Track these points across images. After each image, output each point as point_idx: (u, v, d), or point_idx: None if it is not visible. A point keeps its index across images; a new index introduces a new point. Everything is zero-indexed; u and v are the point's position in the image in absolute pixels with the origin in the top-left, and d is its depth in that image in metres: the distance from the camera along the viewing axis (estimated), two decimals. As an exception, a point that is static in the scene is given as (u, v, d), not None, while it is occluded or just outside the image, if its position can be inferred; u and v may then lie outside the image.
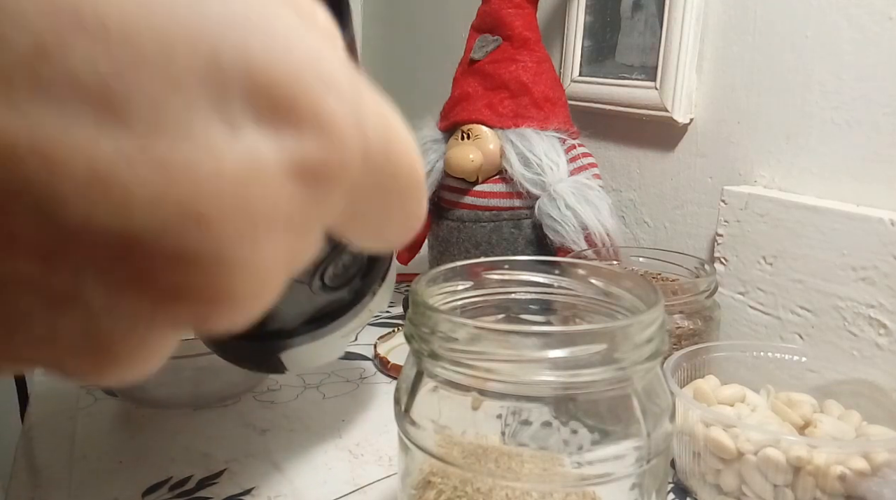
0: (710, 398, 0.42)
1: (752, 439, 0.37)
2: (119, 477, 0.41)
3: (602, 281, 0.33)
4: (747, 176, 0.59)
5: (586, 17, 0.71)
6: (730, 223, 0.56)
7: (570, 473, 0.28)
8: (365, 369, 0.56)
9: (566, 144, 0.62)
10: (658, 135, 0.66)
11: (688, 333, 0.49)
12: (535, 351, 0.27)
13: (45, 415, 0.49)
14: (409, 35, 1.06)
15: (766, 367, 0.45)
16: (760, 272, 0.54)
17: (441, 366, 0.28)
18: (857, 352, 0.48)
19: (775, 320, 0.54)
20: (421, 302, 0.29)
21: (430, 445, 0.29)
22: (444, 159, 0.63)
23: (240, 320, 0.13)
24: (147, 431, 0.46)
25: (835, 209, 0.49)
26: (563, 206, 0.58)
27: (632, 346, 0.27)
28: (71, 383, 0.52)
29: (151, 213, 0.11)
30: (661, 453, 0.29)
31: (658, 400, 0.29)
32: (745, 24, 0.58)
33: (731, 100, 0.60)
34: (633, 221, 0.71)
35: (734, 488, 0.38)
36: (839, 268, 0.49)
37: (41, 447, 0.45)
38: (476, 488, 0.29)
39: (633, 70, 0.67)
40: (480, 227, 0.62)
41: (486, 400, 0.28)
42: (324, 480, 0.41)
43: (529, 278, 0.34)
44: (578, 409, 0.29)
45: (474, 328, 0.27)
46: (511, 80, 0.62)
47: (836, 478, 0.35)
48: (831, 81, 0.52)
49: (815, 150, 0.54)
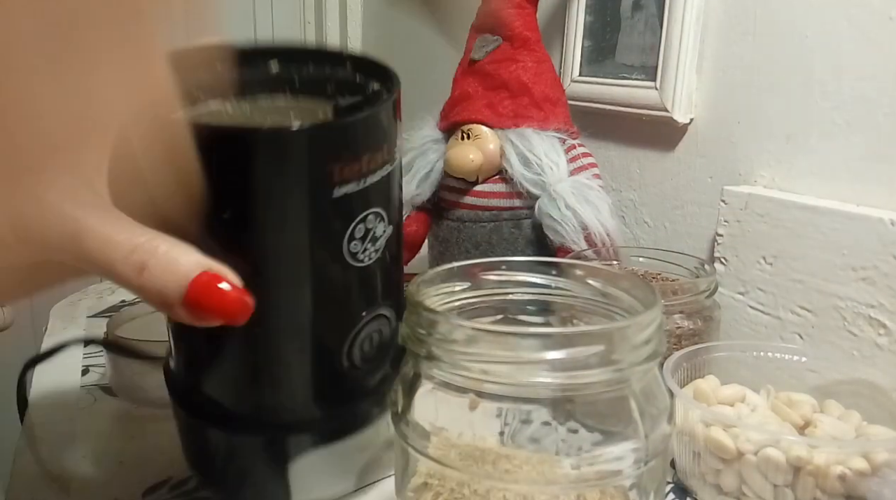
0: (710, 398, 0.42)
1: (752, 439, 0.37)
2: (119, 477, 0.41)
3: (600, 282, 0.33)
4: (747, 176, 0.59)
5: (586, 17, 0.71)
6: (730, 223, 0.56)
7: (568, 474, 0.28)
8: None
9: (566, 144, 0.62)
10: (658, 135, 0.66)
11: (688, 333, 0.49)
12: (532, 353, 0.27)
13: (45, 415, 0.49)
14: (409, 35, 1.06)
15: (766, 367, 0.45)
16: (760, 272, 0.54)
17: (438, 368, 0.28)
18: (857, 352, 0.48)
19: (775, 320, 0.54)
20: (418, 303, 0.29)
21: (426, 447, 0.29)
22: (444, 159, 0.63)
23: None
24: (147, 431, 0.46)
25: (835, 209, 0.49)
26: (563, 206, 0.58)
27: (629, 347, 0.27)
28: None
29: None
30: (660, 454, 0.29)
31: (656, 401, 0.29)
32: (745, 24, 0.58)
33: (731, 100, 0.60)
34: (633, 221, 0.71)
35: (734, 488, 0.38)
36: (839, 268, 0.49)
37: (41, 448, 0.45)
38: (473, 490, 0.29)
39: (633, 70, 0.66)
40: (480, 227, 0.62)
41: (484, 402, 0.28)
42: (323, 480, 0.41)
43: (527, 279, 0.34)
44: (576, 410, 0.29)
45: (471, 330, 0.27)
46: (511, 80, 0.62)
47: (836, 478, 0.35)
48: (831, 81, 0.52)
49: (815, 150, 0.54)
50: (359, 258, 0.31)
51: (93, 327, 0.65)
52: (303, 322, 0.31)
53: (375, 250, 0.31)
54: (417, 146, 0.66)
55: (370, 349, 0.33)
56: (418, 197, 0.65)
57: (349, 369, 0.32)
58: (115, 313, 0.52)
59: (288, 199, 0.28)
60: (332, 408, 0.33)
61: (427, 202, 0.66)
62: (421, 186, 0.64)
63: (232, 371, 0.32)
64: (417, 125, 0.67)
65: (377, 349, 0.33)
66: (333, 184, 0.28)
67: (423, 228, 0.67)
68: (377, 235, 0.31)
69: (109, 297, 0.74)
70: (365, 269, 0.31)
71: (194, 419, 0.33)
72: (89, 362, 0.57)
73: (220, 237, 0.27)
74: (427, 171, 0.64)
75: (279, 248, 0.29)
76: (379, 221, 0.31)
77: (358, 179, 0.29)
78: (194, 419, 0.33)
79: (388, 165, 0.31)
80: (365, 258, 0.31)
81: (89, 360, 0.57)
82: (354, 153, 0.29)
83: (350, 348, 0.32)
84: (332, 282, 0.30)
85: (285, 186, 0.28)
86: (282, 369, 0.31)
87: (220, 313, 0.24)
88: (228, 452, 0.33)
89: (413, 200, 0.65)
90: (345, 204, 0.29)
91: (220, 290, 0.24)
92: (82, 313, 0.69)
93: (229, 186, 0.27)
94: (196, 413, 0.33)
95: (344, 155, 0.28)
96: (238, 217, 0.28)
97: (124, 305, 0.70)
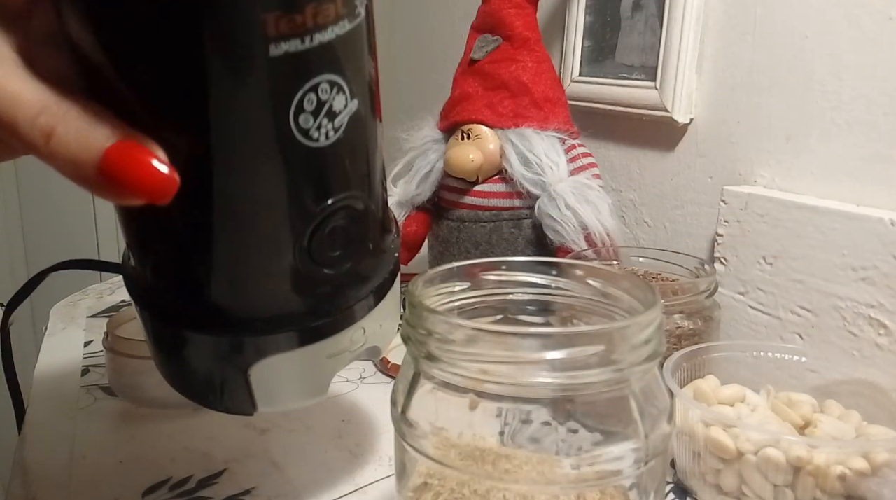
0: (710, 398, 0.42)
1: (752, 439, 0.37)
2: (119, 477, 0.41)
3: (600, 282, 0.33)
4: (747, 176, 0.59)
5: (586, 17, 0.71)
6: (730, 223, 0.56)
7: (568, 474, 0.28)
8: (365, 369, 0.56)
9: (566, 144, 0.62)
10: (658, 135, 0.66)
11: (688, 333, 0.49)
12: (532, 353, 0.27)
13: (44, 415, 0.49)
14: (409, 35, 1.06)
15: (766, 367, 0.45)
16: (760, 272, 0.54)
17: (438, 368, 0.28)
18: (857, 352, 0.48)
19: (775, 320, 0.54)
20: (418, 303, 0.29)
21: (426, 447, 0.29)
22: (444, 159, 0.63)
23: None
24: (147, 431, 0.46)
25: (835, 209, 0.49)
26: (563, 206, 0.58)
27: (629, 347, 0.27)
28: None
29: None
30: (660, 454, 0.29)
31: (656, 401, 0.29)
32: (745, 24, 0.58)
33: (731, 100, 0.60)
34: (633, 221, 0.71)
35: (734, 488, 0.38)
36: (839, 268, 0.49)
37: (41, 447, 0.45)
38: (473, 490, 0.29)
39: (633, 70, 0.66)
40: (480, 227, 0.62)
41: (484, 402, 0.28)
42: (324, 480, 0.41)
43: (527, 279, 0.34)
44: (576, 410, 0.29)
45: (471, 330, 0.27)
46: (511, 81, 0.62)
47: (836, 478, 0.35)
48: (831, 81, 0.52)
49: (815, 150, 0.54)
50: (312, 136, 0.26)
51: (93, 327, 0.65)
52: (249, 210, 0.26)
53: (335, 128, 0.26)
54: (417, 146, 0.66)
55: (336, 245, 0.28)
56: (418, 197, 0.65)
57: (309, 265, 0.28)
58: (115, 313, 0.52)
59: (215, 55, 0.23)
60: (294, 309, 0.29)
61: (427, 202, 0.66)
62: (421, 186, 0.64)
63: (180, 266, 0.28)
64: (417, 125, 0.67)
65: (345, 246, 0.29)
66: (269, 38, 0.23)
67: (422, 229, 0.67)
68: (335, 110, 0.26)
69: (109, 297, 0.74)
70: (322, 150, 0.26)
71: (152, 319, 0.30)
72: (89, 362, 0.57)
73: (145, 107, 0.23)
74: (427, 171, 0.64)
75: (211, 118, 0.24)
76: (337, 91, 0.26)
77: (302, 35, 0.24)
78: (152, 319, 0.30)
79: (344, 20, 0.25)
80: (319, 136, 0.26)
81: (89, 360, 0.57)
82: (295, 1, 0.23)
83: (310, 243, 0.27)
84: (280, 163, 0.26)
85: (210, 38, 0.23)
86: (231, 264, 0.27)
87: (140, 188, 0.22)
88: (188, 354, 0.30)
89: (413, 200, 0.65)
90: (285, 65, 0.24)
91: (140, 161, 0.22)
92: (82, 313, 0.69)
93: (145, 42, 0.23)
94: (154, 312, 0.30)
95: (281, 1, 0.23)
96: (159, 80, 0.24)
97: (124, 305, 0.70)
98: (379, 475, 0.42)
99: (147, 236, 0.28)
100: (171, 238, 0.27)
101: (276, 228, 0.27)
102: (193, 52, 0.23)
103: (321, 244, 0.28)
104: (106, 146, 0.21)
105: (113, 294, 0.75)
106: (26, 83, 0.22)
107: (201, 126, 0.24)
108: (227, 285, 0.28)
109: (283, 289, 0.28)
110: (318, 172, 0.27)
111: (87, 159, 0.21)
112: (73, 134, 0.21)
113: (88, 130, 0.21)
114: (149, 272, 0.29)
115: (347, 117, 0.27)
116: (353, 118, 0.27)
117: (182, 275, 0.28)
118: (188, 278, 0.28)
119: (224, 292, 0.28)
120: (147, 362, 0.47)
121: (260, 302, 0.28)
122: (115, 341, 0.48)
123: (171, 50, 0.23)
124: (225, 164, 0.25)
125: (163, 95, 0.24)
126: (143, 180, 0.22)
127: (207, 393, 0.31)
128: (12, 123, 0.21)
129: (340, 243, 0.28)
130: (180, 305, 0.29)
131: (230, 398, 0.30)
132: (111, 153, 0.21)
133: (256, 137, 0.25)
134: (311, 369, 0.30)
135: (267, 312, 0.28)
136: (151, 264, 0.29)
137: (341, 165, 0.28)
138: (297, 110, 0.25)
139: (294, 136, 0.25)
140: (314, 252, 0.28)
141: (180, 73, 0.23)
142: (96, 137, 0.21)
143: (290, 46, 0.24)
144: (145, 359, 0.46)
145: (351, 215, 0.28)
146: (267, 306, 0.28)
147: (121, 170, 0.21)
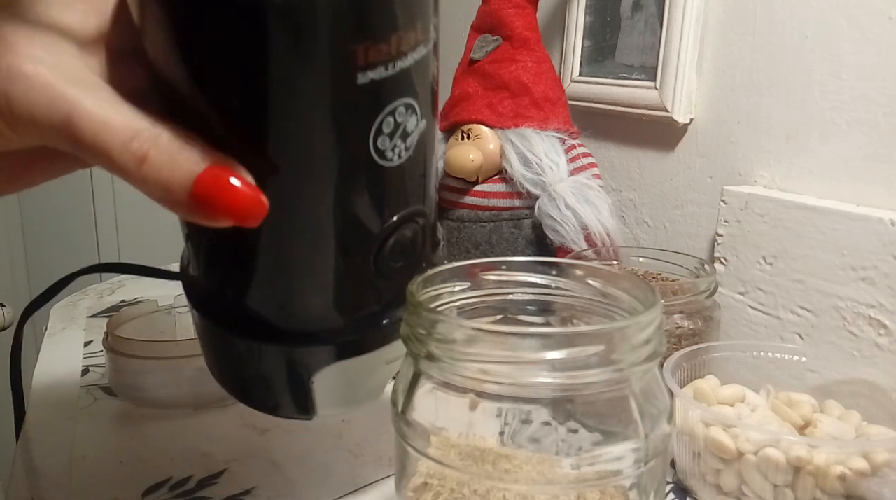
0: (710, 398, 0.42)
1: (752, 439, 0.37)
2: (119, 477, 0.41)
3: (600, 282, 0.33)
4: (747, 176, 0.59)
5: (586, 17, 0.71)
6: (730, 223, 0.56)
7: (568, 474, 0.28)
8: (365, 369, 0.56)
9: (566, 144, 0.62)
10: (658, 135, 0.66)
11: (688, 333, 0.49)
12: (532, 353, 0.27)
13: (44, 415, 0.49)
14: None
15: (766, 367, 0.45)
16: (760, 272, 0.54)
17: (438, 368, 0.28)
18: (857, 352, 0.48)
19: (775, 320, 0.54)
20: (417, 303, 0.29)
21: (426, 447, 0.29)
22: (444, 159, 0.63)
23: None
24: (147, 431, 0.46)
25: (835, 209, 0.49)
26: (563, 206, 0.58)
27: (629, 347, 0.27)
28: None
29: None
30: (660, 454, 0.29)
31: (656, 402, 0.29)
32: (745, 24, 0.58)
33: (731, 100, 0.60)
34: (633, 221, 0.71)
35: (734, 488, 0.38)
36: (839, 268, 0.49)
37: (41, 448, 0.45)
38: (473, 490, 0.29)
39: (633, 70, 0.66)
40: (480, 227, 0.62)
41: (484, 402, 0.28)
42: (324, 480, 0.41)
43: (527, 279, 0.34)
44: (576, 410, 0.29)
45: (471, 330, 0.27)
46: (511, 81, 0.62)
47: (836, 478, 0.35)
48: (831, 81, 0.52)
49: (815, 150, 0.54)
50: (387, 156, 0.27)
51: (93, 327, 0.65)
52: (324, 226, 0.27)
53: (406, 147, 0.27)
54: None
55: (399, 257, 0.29)
56: (418, 197, 0.65)
57: (376, 277, 0.29)
58: (115, 313, 0.52)
59: (304, 85, 0.24)
60: (359, 318, 0.30)
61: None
62: (421, 186, 0.64)
63: (250, 277, 0.29)
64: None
65: (406, 257, 0.30)
66: (357, 68, 0.24)
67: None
68: (408, 131, 0.27)
69: (109, 297, 0.74)
70: (394, 169, 0.27)
71: (215, 327, 0.31)
72: (89, 362, 0.57)
73: (230, 129, 0.24)
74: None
75: (294, 142, 0.25)
76: (411, 113, 0.27)
77: (387, 62, 0.25)
78: (215, 327, 0.31)
79: (421, 46, 0.26)
80: (394, 157, 0.27)
81: (89, 360, 0.57)
82: (382, 31, 0.25)
83: (377, 256, 0.29)
84: (357, 183, 0.27)
85: (300, 69, 0.24)
86: (304, 276, 0.29)
87: (231, 212, 0.22)
88: (254, 363, 0.31)
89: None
90: (371, 92, 0.25)
91: (231, 186, 0.22)
92: (82, 313, 0.69)
93: (237, 69, 0.24)
94: (217, 320, 0.31)
95: (370, 33, 0.24)
96: (248, 106, 0.24)
97: (124, 305, 0.71)
98: (379, 475, 0.42)
99: (222, 252, 0.29)
100: (250, 254, 0.28)
101: (350, 244, 0.28)
102: (285, 80, 0.24)
103: (387, 257, 0.29)
104: (198, 171, 0.22)
105: (113, 294, 0.75)
106: (116, 108, 0.22)
107: (286, 150, 0.25)
108: (302, 298, 0.29)
109: (352, 300, 0.29)
110: (391, 189, 0.28)
111: (180, 184, 0.21)
112: (166, 158, 0.21)
113: (180, 155, 0.22)
114: (216, 283, 0.30)
115: (417, 136, 0.28)
116: (421, 136, 0.28)
117: (258, 289, 0.29)
118: (264, 291, 0.29)
119: (300, 305, 0.29)
120: (147, 362, 0.47)
121: (331, 314, 0.29)
122: (115, 341, 0.48)
123: (264, 79, 0.24)
124: (306, 185, 0.26)
125: (251, 120, 0.25)
126: (234, 204, 0.22)
127: (267, 399, 0.32)
128: (106, 149, 0.21)
129: (404, 255, 0.30)
130: (254, 317, 0.30)
131: (288, 404, 0.31)
132: (203, 178, 0.21)
133: (338, 160, 0.26)
134: (371, 375, 0.31)
135: (336, 322, 0.29)
136: (221, 276, 0.30)
137: (409, 182, 0.29)
138: (377, 133, 0.26)
139: (372, 157, 0.26)
140: (381, 265, 0.29)
141: (270, 101, 0.24)
142: (188, 161, 0.22)
143: (375, 74, 0.25)
144: (145, 359, 0.47)
145: (413, 228, 0.30)
146: (337, 317, 0.29)
147: (213, 194, 0.21)
